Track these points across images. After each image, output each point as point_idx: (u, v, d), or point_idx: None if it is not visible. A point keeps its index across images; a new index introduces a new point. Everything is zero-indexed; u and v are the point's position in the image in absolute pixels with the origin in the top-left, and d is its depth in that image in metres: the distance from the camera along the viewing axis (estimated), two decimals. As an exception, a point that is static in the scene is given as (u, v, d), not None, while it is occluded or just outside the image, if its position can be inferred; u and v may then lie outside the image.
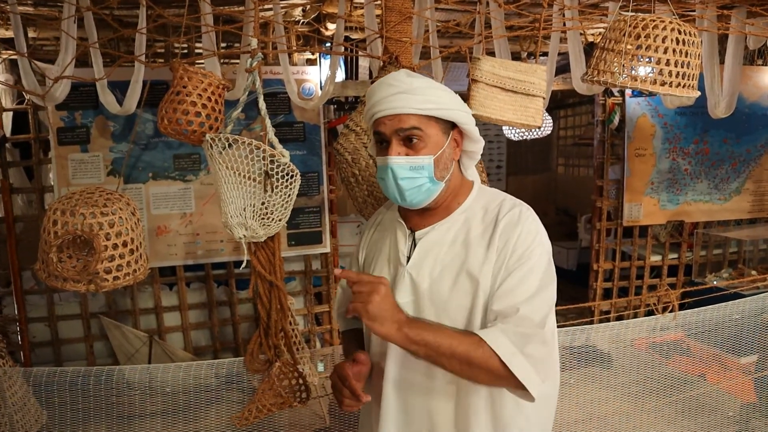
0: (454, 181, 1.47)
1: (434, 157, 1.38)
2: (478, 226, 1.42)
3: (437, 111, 1.37)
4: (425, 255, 1.44)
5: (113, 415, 2.63)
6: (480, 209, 1.45)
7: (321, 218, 4.00)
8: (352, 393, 1.37)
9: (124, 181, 3.73)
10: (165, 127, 1.87)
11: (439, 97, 1.37)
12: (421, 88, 1.36)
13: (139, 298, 3.94)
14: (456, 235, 1.43)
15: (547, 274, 1.40)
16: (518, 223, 1.38)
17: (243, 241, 1.81)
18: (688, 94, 2.09)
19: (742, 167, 5.11)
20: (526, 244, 1.36)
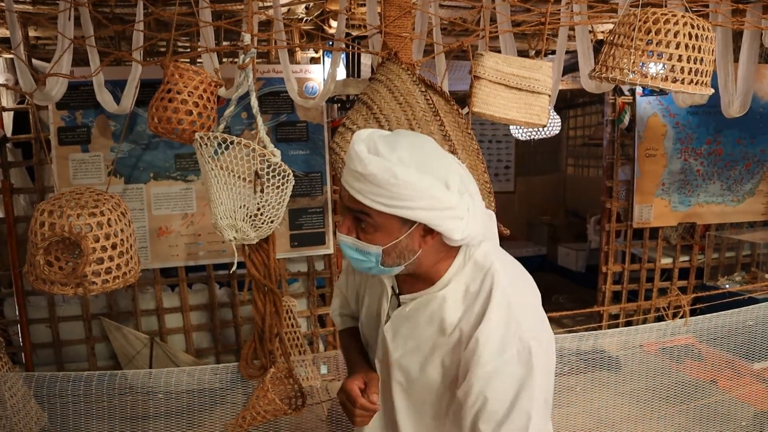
0: (426, 261, 1.28)
1: (384, 247, 1.22)
2: (456, 308, 1.27)
3: (389, 209, 1.16)
4: (402, 323, 1.34)
5: (114, 417, 2.59)
6: (462, 286, 1.28)
7: (324, 219, 3.93)
8: (365, 408, 1.34)
9: (125, 182, 3.69)
10: (155, 126, 1.82)
11: (397, 191, 1.14)
12: (377, 177, 1.14)
13: (141, 299, 3.89)
14: (432, 315, 1.29)
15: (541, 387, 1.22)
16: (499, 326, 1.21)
17: (233, 243, 1.75)
18: (701, 92, 2.00)
19: (756, 168, 5.00)
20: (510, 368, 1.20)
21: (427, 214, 1.16)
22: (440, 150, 1.24)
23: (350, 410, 1.36)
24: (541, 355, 1.20)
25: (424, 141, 1.25)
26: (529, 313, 1.25)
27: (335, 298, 1.70)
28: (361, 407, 1.34)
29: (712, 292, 4.59)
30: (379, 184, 1.14)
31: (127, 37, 3.75)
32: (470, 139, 1.80)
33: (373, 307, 1.44)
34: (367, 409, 1.34)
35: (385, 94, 1.71)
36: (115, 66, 3.75)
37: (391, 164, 1.13)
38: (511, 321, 1.20)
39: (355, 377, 1.39)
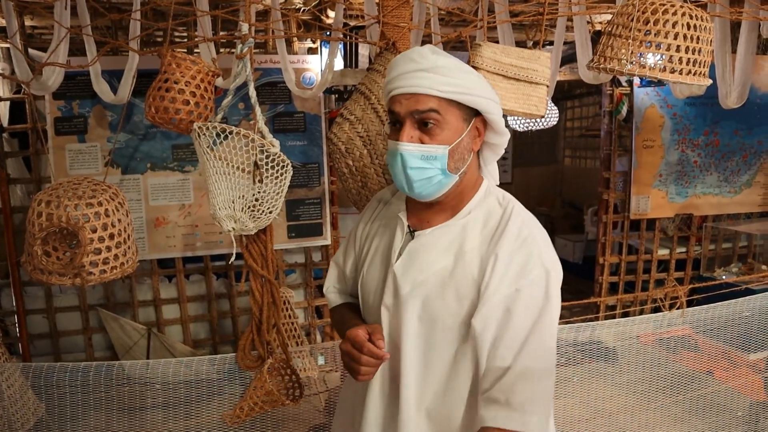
0: (470, 175, 1.34)
1: (450, 147, 1.26)
2: (474, 237, 1.30)
3: (460, 95, 1.23)
4: (414, 257, 1.33)
5: (111, 408, 2.59)
6: (481, 218, 1.32)
7: (322, 210, 3.93)
8: (373, 355, 1.28)
9: (122, 172, 3.68)
10: (152, 116, 1.81)
11: (464, 79, 1.24)
12: (446, 68, 1.22)
13: (138, 290, 3.89)
14: (450, 243, 1.31)
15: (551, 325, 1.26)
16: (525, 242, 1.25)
17: (232, 233, 1.75)
18: (699, 82, 2.00)
19: (754, 159, 5.00)
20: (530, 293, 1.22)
21: (485, 102, 1.26)
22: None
23: (356, 358, 1.29)
24: (558, 282, 1.26)
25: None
26: (547, 245, 1.30)
27: (330, 273, 1.65)
28: (369, 353, 1.28)
29: (709, 283, 4.60)
30: (448, 74, 1.22)
31: (124, 26, 3.74)
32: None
33: (379, 257, 1.43)
34: (374, 356, 1.28)
35: (383, 84, 1.70)
36: (113, 56, 3.73)
37: (425, 61, 1.22)
38: (533, 247, 1.24)
39: (358, 327, 1.34)
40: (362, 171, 1.67)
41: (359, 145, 1.68)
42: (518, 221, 1.28)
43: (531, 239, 1.26)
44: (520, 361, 1.20)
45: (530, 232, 1.27)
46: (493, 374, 1.21)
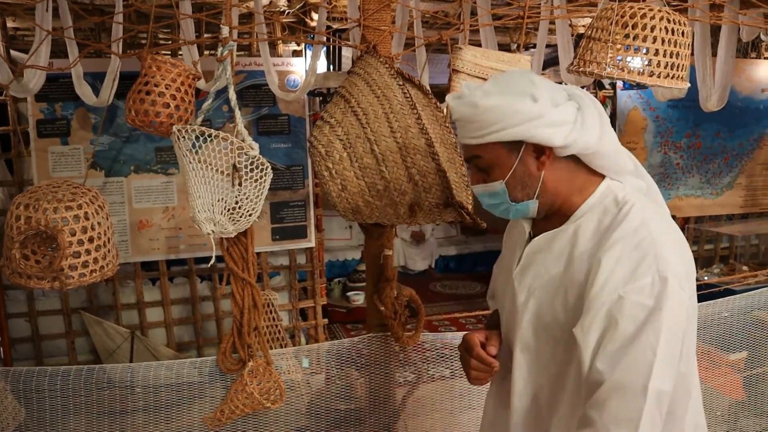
0: (556, 189, 1.26)
1: (504, 180, 1.25)
2: (586, 240, 1.22)
3: (489, 137, 1.21)
4: (529, 264, 1.31)
5: (93, 412, 2.57)
6: (595, 219, 1.24)
7: (306, 212, 3.93)
8: (481, 360, 1.30)
9: (106, 175, 3.66)
10: (132, 119, 1.81)
11: (485, 120, 1.20)
12: (467, 116, 1.22)
13: (121, 293, 3.87)
14: (563, 248, 1.25)
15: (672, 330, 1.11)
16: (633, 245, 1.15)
17: (212, 236, 1.75)
18: (677, 86, 2.02)
19: (735, 161, 5.06)
20: (646, 278, 1.12)
21: (519, 129, 1.18)
22: (530, 73, 1.26)
23: (466, 361, 1.33)
24: (676, 292, 1.11)
25: (518, 71, 1.28)
26: (671, 250, 1.16)
27: (492, 283, 1.68)
28: (477, 357, 1.30)
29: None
30: (469, 120, 1.22)
31: (107, 28, 3.72)
32: (448, 132, 1.82)
33: (507, 263, 1.43)
34: (483, 362, 1.30)
35: (363, 88, 1.71)
36: (95, 58, 3.71)
37: (472, 98, 1.21)
38: (649, 249, 1.13)
39: (476, 331, 1.37)
40: (342, 174, 1.68)
41: (339, 148, 1.69)
42: (636, 221, 1.18)
43: (648, 241, 1.14)
44: (615, 375, 1.10)
45: (649, 233, 1.16)
46: (590, 388, 1.14)
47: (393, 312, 2.01)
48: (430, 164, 1.60)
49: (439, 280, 7.15)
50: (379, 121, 1.65)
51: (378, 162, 1.64)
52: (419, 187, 1.64)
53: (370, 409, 2.19)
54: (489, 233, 7.76)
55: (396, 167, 1.63)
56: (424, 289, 6.65)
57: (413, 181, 1.63)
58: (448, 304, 6.24)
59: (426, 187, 1.63)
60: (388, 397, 2.17)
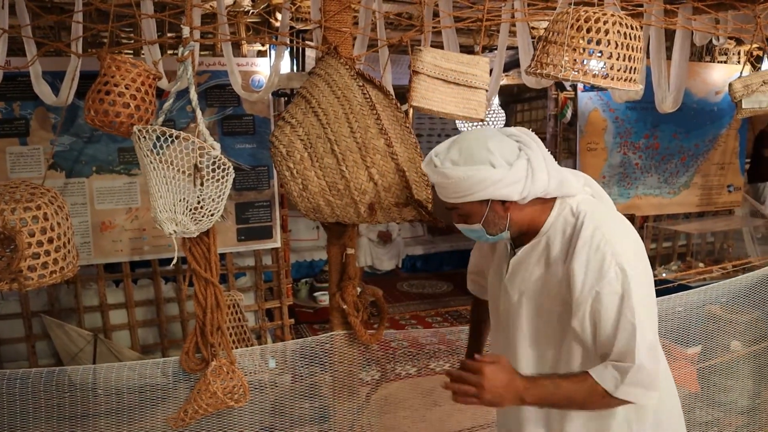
0: (522, 217, 1.56)
1: (480, 223, 1.54)
2: (556, 247, 1.54)
3: (460, 200, 1.50)
4: (516, 272, 1.62)
5: (54, 417, 2.53)
6: (560, 229, 1.54)
7: (271, 212, 3.93)
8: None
9: (67, 176, 3.61)
10: (92, 119, 1.80)
11: (458, 187, 1.47)
12: (443, 184, 1.50)
13: (84, 295, 3.82)
14: (540, 256, 1.57)
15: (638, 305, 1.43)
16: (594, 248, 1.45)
17: (174, 236, 1.75)
18: (631, 88, 2.09)
19: (691, 162, 5.22)
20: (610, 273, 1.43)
21: (484, 193, 1.46)
22: (488, 138, 1.50)
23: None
24: (635, 275, 1.43)
25: (475, 137, 1.51)
26: (622, 242, 1.48)
27: (471, 259, 1.94)
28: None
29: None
30: (445, 187, 1.50)
31: (67, 27, 3.66)
32: (408, 132, 1.84)
33: (497, 269, 1.73)
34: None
35: (324, 88, 1.73)
36: (55, 56, 3.66)
37: (444, 170, 1.47)
38: (607, 249, 1.44)
39: None
40: (303, 174, 1.70)
41: (300, 148, 1.70)
42: (590, 228, 1.48)
43: (604, 243, 1.45)
44: (614, 352, 1.44)
45: (603, 236, 1.46)
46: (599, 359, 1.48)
47: (355, 310, 2.04)
48: (390, 164, 1.64)
49: (406, 279, 7.19)
50: (340, 122, 1.68)
51: (338, 162, 1.67)
52: (379, 186, 1.67)
53: (335, 407, 2.21)
54: (455, 233, 7.84)
55: (356, 167, 1.66)
56: (392, 289, 6.69)
57: (373, 180, 1.66)
58: (415, 303, 6.29)
59: (386, 186, 1.66)
60: (353, 394, 2.19)
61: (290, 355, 2.43)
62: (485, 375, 1.43)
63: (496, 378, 1.44)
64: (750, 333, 3.03)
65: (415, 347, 3.22)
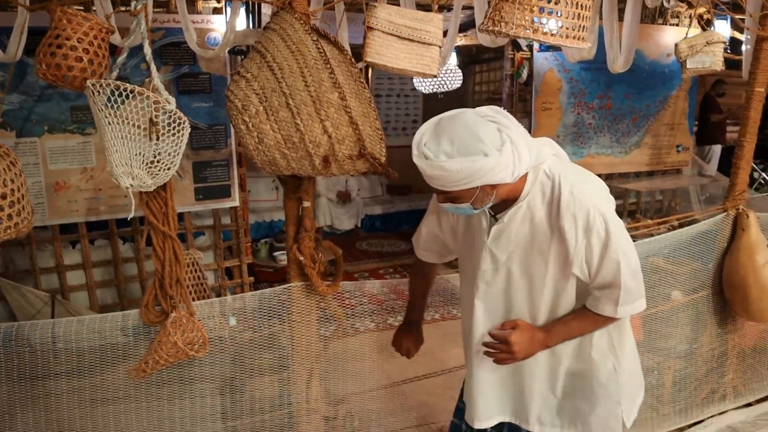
0: (507, 187, 1.70)
1: (469, 203, 1.66)
2: (540, 209, 1.72)
3: (455, 188, 1.61)
4: (501, 234, 1.78)
5: (14, 378, 2.53)
6: (539, 193, 1.73)
7: (229, 171, 3.93)
8: None
9: (17, 135, 3.53)
10: (43, 73, 1.78)
11: (454, 178, 1.57)
12: (438, 176, 1.59)
13: (39, 257, 3.78)
14: (523, 218, 1.75)
15: (621, 233, 1.70)
16: (577, 205, 1.66)
17: (131, 190, 1.77)
18: (580, 46, 2.15)
19: (642, 122, 5.37)
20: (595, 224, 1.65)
21: (480, 180, 1.58)
22: (473, 126, 1.59)
23: None
24: (613, 218, 1.67)
25: (461, 126, 1.60)
26: (600, 195, 1.71)
27: (422, 231, 2.10)
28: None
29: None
30: (440, 178, 1.58)
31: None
32: (363, 87, 1.88)
33: (473, 236, 1.89)
34: None
35: (278, 43, 1.75)
36: (1, 12, 3.54)
37: (439, 162, 1.56)
38: (587, 202, 1.65)
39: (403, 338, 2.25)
40: (258, 127, 1.73)
41: (255, 102, 1.73)
42: (567, 188, 1.67)
43: (583, 197, 1.66)
44: (606, 281, 1.70)
45: (580, 191, 1.67)
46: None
47: (312, 262, 2.10)
48: (343, 117, 1.68)
49: (365, 239, 7.28)
50: (294, 76, 1.70)
51: (293, 115, 1.70)
52: (333, 139, 1.71)
53: (293, 357, 2.28)
54: (414, 193, 7.92)
55: (310, 120, 1.69)
56: (351, 248, 6.77)
57: (327, 133, 1.70)
58: (373, 262, 6.39)
59: (339, 138, 1.70)
60: (311, 344, 2.26)
61: (248, 307, 2.48)
62: (512, 342, 1.73)
63: (521, 340, 1.74)
64: (690, 283, 3.20)
65: (373, 303, 3.30)
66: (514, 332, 1.75)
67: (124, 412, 2.41)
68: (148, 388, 2.37)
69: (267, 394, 2.40)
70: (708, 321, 3.27)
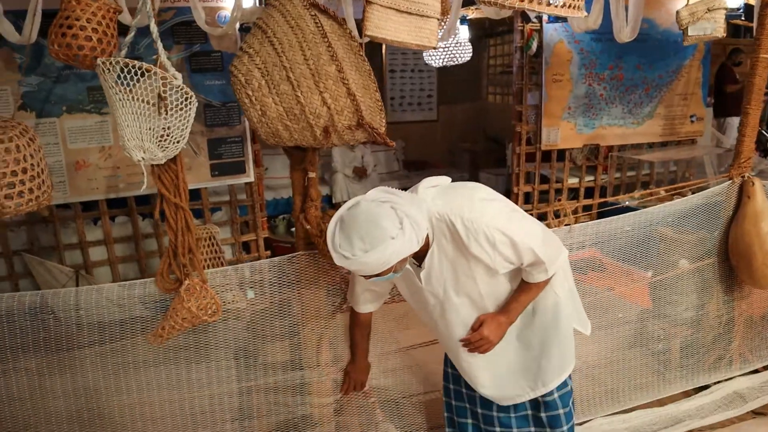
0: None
1: (390, 273, 1.87)
2: (448, 247, 1.99)
3: (381, 269, 1.80)
4: (428, 277, 2.06)
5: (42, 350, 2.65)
6: (442, 236, 1.97)
7: (243, 148, 4.01)
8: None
9: (37, 116, 3.64)
10: (56, 53, 1.87)
11: (373, 266, 1.78)
12: (364, 267, 1.79)
13: (63, 234, 3.92)
14: (439, 259, 2.02)
15: (516, 225, 1.98)
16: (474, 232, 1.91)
17: (142, 163, 1.86)
18: (574, 14, 2.19)
19: (655, 92, 5.33)
20: (495, 238, 1.92)
21: (396, 258, 1.79)
22: (373, 216, 1.78)
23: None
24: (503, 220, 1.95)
25: (363, 220, 1.78)
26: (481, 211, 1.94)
27: (356, 290, 2.33)
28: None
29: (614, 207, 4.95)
30: (363, 270, 1.81)
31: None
32: (362, 60, 1.93)
33: (411, 287, 2.18)
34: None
35: (278, 19, 1.81)
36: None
37: (357, 258, 1.76)
38: (480, 224, 1.90)
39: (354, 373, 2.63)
40: (261, 100, 1.80)
41: (257, 76, 1.80)
42: (458, 221, 1.91)
43: (476, 224, 1.90)
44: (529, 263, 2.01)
45: (469, 218, 1.91)
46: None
47: (318, 230, 2.18)
48: (341, 89, 1.74)
49: (382, 215, 7.33)
50: (294, 50, 1.77)
51: (294, 88, 1.77)
52: (332, 110, 1.78)
53: (303, 324, 2.38)
54: (429, 168, 7.97)
55: (310, 92, 1.76)
56: (367, 224, 6.83)
57: (326, 104, 1.77)
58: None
59: (338, 109, 1.77)
60: (319, 311, 2.35)
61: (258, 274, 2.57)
62: (485, 335, 2.08)
63: (491, 330, 2.09)
64: (696, 251, 3.23)
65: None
66: (483, 326, 2.09)
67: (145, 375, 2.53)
68: (166, 353, 2.48)
69: (279, 359, 2.51)
70: (715, 288, 3.31)
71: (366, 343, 2.58)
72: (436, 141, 8.65)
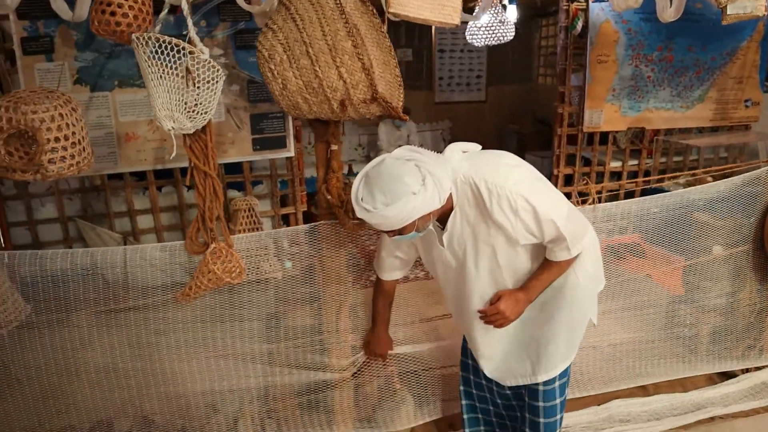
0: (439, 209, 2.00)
1: (412, 231, 1.97)
2: (470, 210, 2.04)
3: (400, 225, 1.90)
4: (450, 240, 2.14)
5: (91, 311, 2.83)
6: (465, 200, 2.03)
7: (284, 123, 4.11)
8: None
9: (91, 90, 3.84)
10: (96, 29, 2.01)
11: (395, 220, 1.87)
12: (381, 223, 1.89)
13: (113, 202, 4.13)
14: (461, 222, 2.08)
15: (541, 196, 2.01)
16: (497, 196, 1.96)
17: (172, 132, 1.98)
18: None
19: (707, 75, 5.16)
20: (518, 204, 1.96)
21: (416, 214, 1.87)
22: (396, 172, 1.86)
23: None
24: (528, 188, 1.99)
25: (386, 175, 1.86)
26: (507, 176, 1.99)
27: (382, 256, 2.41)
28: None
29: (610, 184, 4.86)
30: (384, 224, 1.89)
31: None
32: (384, 37, 1.99)
33: (431, 249, 2.24)
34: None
35: (312, 9, 1.89)
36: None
37: (378, 212, 1.84)
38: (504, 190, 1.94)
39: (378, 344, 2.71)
40: (282, 74, 1.89)
41: (280, 51, 1.88)
42: (483, 185, 1.96)
43: (499, 188, 1.95)
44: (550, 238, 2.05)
45: (494, 182, 1.95)
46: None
47: (340, 201, 2.27)
48: (357, 63, 1.81)
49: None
50: (313, 26, 1.85)
51: (312, 62, 1.85)
52: (348, 84, 1.85)
53: (324, 290, 2.48)
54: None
55: (327, 67, 1.84)
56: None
57: (342, 78, 1.85)
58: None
59: (353, 84, 1.85)
60: (339, 279, 2.45)
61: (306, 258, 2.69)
62: (502, 309, 2.13)
63: (508, 305, 2.13)
64: (731, 237, 3.18)
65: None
66: (501, 301, 2.14)
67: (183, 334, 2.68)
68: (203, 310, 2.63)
69: (300, 323, 2.63)
70: (748, 276, 3.25)
71: (388, 313, 2.63)
72: (484, 122, 8.59)
